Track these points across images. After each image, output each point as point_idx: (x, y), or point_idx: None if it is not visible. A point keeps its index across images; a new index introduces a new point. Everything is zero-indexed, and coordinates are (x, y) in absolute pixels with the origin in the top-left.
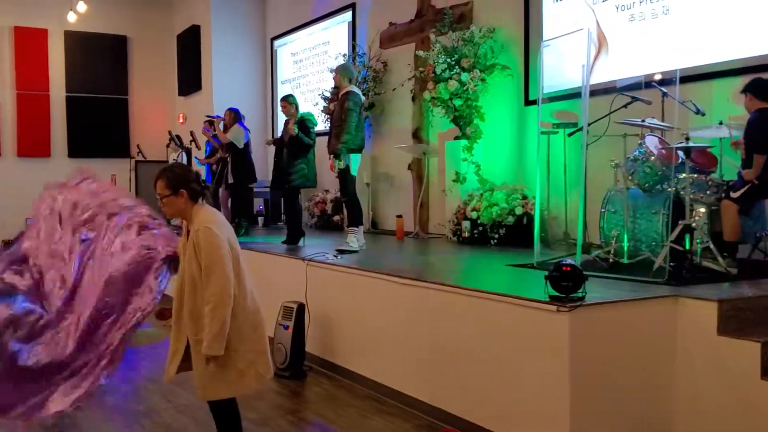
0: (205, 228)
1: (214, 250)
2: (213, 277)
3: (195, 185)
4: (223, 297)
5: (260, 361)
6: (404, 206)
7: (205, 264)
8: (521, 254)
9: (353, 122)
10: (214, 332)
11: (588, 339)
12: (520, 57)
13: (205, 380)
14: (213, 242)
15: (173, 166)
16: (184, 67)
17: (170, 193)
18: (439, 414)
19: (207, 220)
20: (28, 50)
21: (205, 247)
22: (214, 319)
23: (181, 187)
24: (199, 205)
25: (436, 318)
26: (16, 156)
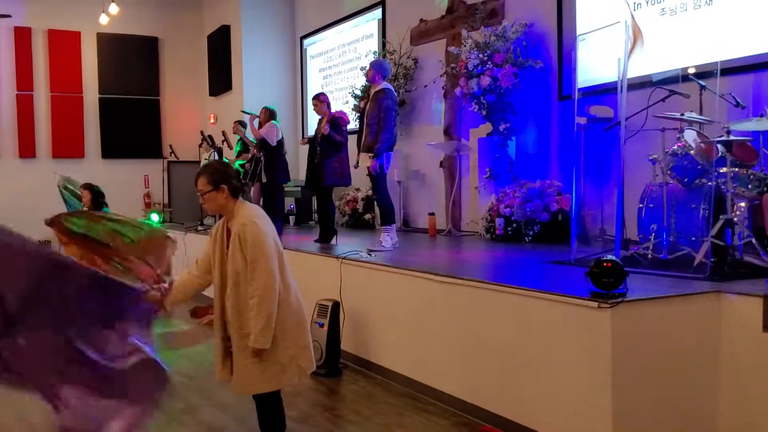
0: (252, 223)
1: (259, 245)
2: (258, 271)
3: (235, 181)
4: (268, 291)
5: (302, 356)
6: (436, 204)
7: (251, 258)
8: (557, 251)
9: (392, 120)
10: (261, 326)
11: (630, 336)
12: (553, 52)
13: (246, 375)
14: (259, 237)
15: (214, 163)
16: (215, 67)
17: (212, 189)
18: (477, 411)
19: (252, 215)
20: (61, 53)
21: (252, 242)
22: (260, 313)
23: (222, 182)
24: (241, 201)
25: (474, 315)
26: (50, 157)
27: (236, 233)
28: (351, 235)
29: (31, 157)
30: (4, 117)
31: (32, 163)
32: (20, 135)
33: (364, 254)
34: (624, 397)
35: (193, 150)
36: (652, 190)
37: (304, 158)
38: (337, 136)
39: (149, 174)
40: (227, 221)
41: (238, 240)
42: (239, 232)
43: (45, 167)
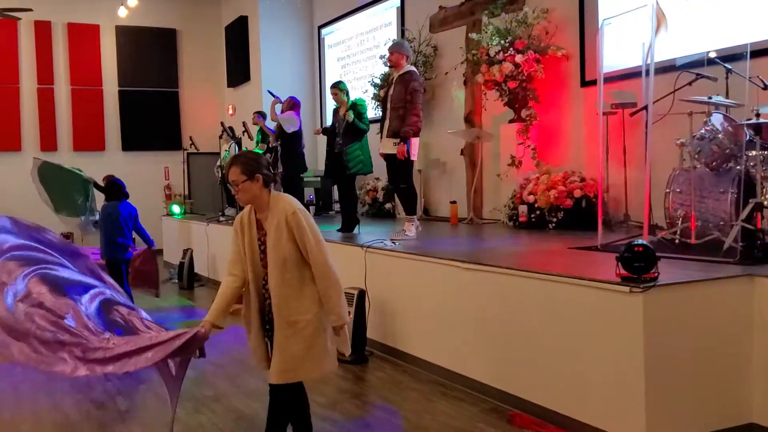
0: (301, 211)
1: (315, 230)
2: (322, 255)
3: (267, 171)
4: (332, 271)
5: (341, 341)
6: (456, 192)
7: (311, 244)
8: (581, 237)
9: (420, 103)
10: (341, 304)
11: (662, 320)
12: (575, 37)
13: (294, 362)
14: (311, 222)
15: (245, 153)
16: (233, 58)
17: (246, 179)
18: (506, 397)
19: (293, 203)
20: (81, 46)
21: (307, 228)
22: (336, 291)
23: (257, 172)
24: (275, 191)
25: (501, 302)
26: (72, 150)
27: (282, 222)
28: (372, 225)
29: (53, 151)
30: (26, 111)
31: (54, 156)
32: (42, 129)
33: (389, 243)
34: (656, 383)
35: (213, 141)
36: (679, 174)
37: (321, 148)
38: (360, 124)
39: (169, 166)
40: (256, 212)
41: (285, 228)
42: (288, 221)
43: (67, 161)
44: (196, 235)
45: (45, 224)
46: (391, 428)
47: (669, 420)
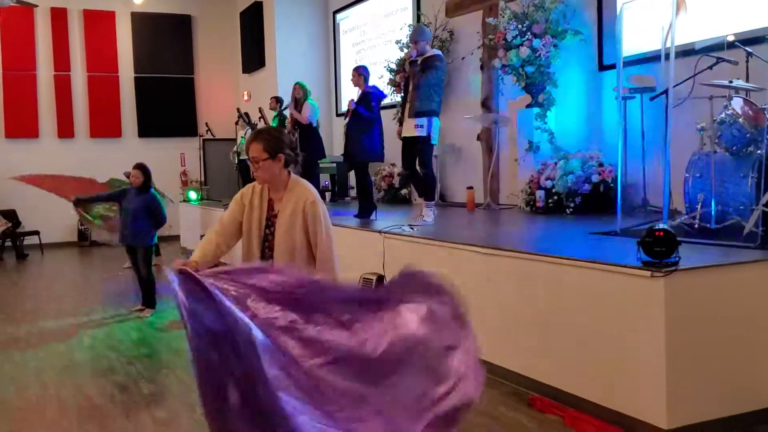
0: (320, 201)
1: (328, 222)
2: (329, 252)
3: (290, 151)
4: (335, 261)
5: None
6: (473, 178)
7: (322, 237)
8: (600, 222)
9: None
10: None
11: (683, 305)
12: (593, 21)
13: None
14: (326, 214)
15: (269, 129)
16: (248, 44)
17: (268, 157)
18: (526, 381)
19: (313, 191)
20: (97, 33)
21: (323, 219)
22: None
23: (280, 151)
24: (294, 175)
25: (521, 286)
26: (88, 137)
27: (299, 209)
28: (389, 210)
29: (69, 138)
30: (43, 98)
31: (71, 143)
32: (59, 116)
33: (407, 228)
34: (677, 367)
35: (229, 127)
36: (699, 159)
37: (338, 134)
38: (365, 112)
39: (185, 152)
40: (270, 191)
41: (300, 216)
42: (305, 209)
43: (84, 147)
44: (212, 221)
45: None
46: None
47: (690, 404)
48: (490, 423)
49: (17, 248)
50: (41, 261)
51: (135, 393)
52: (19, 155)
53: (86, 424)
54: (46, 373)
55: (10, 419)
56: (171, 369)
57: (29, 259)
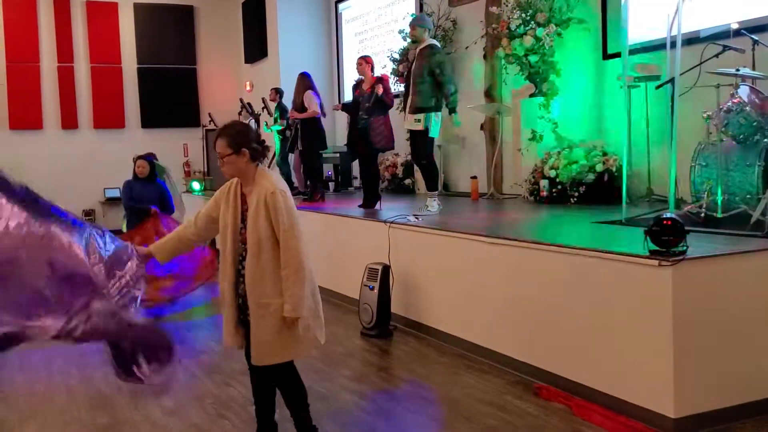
0: (281, 191)
1: (292, 213)
2: (293, 240)
3: (256, 145)
4: (303, 259)
5: (316, 326)
6: (476, 167)
7: (285, 227)
8: (604, 212)
9: (450, 74)
10: (300, 294)
11: (691, 294)
12: (597, 10)
13: (265, 345)
14: (290, 205)
15: (234, 124)
16: (250, 34)
17: (232, 153)
18: (532, 370)
19: (277, 183)
20: (99, 24)
21: (284, 210)
22: (297, 281)
23: (244, 146)
24: (261, 167)
25: (527, 276)
26: (92, 128)
27: (261, 200)
28: (393, 200)
29: (73, 129)
30: (47, 89)
31: (75, 134)
32: (62, 107)
33: (412, 218)
34: (685, 355)
35: (232, 117)
36: (705, 147)
37: (339, 124)
38: (389, 98)
39: (188, 143)
40: (242, 186)
41: (264, 207)
42: (267, 200)
43: (87, 138)
44: None
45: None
46: (419, 400)
47: (697, 392)
48: (495, 412)
49: None
50: None
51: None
52: (23, 146)
53: (96, 413)
54: (54, 363)
55: (20, 408)
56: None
57: None
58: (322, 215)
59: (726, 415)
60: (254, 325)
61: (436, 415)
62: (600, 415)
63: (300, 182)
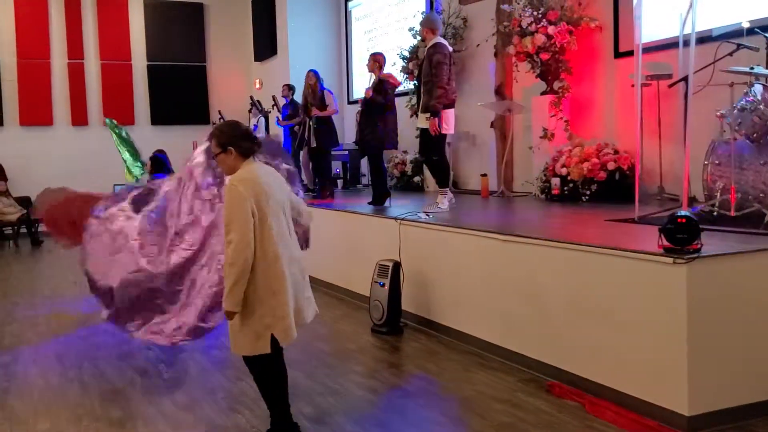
0: (230, 185)
1: (233, 209)
2: (230, 235)
3: (244, 142)
4: (236, 255)
5: (278, 327)
6: (486, 165)
7: (225, 221)
8: (616, 210)
9: (445, 75)
10: (227, 289)
11: (706, 292)
12: (608, 8)
13: (231, 335)
14: (232, 200)
15: (221, 125)
16: (260, 32)
17: (220, 152)
18: (544, 368)
19: (237, 177)
20: (110, 21)
21: (226, 204)
22: (227, 276)
23: (229, 144)
24: (248, 162)
25: (540, 273)
26: (102, 124)
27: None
28: (402, 198)
29: (83, 125)
30: (57, 86)
31: (85, 130)
32: (73, 103)
33: (422, 215)
34: (699, 353)
35: (241, 115)
36: (718, 146)
37: (350, 121)
38: (379, 99)
39: (197, 140)
40: None
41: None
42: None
43: (97, 134)
44: None
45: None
46: (431, 397)
47: (712, 390)
48: (508, 409)
49: (32, 235)
50: (56, 247)
51: (155, 377)
52: (34, 142)
53: (109, 406)
54: (67, 357)
55: (34, 400)
56: (189, 354)
57: (44, 245)
58: (332, 212)
59: (740, 413)
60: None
61: (449, 412)
62: (613, 412)
63: (309, 179)
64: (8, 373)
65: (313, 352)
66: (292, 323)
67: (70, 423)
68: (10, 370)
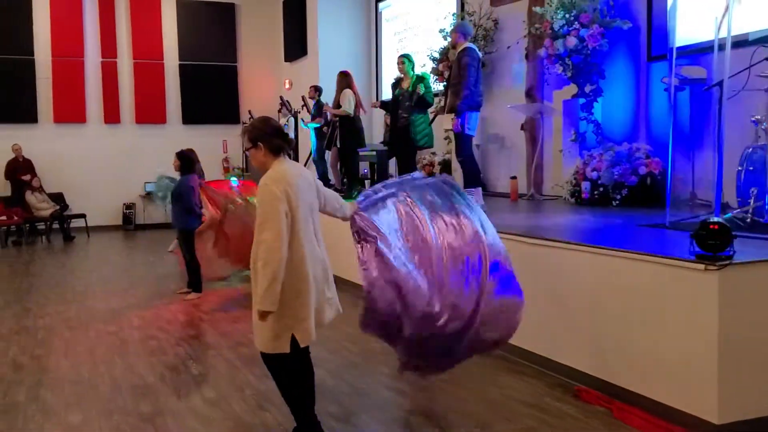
0: (264, 184)
1: (267, 207)
2: (264, 234)
3: (275, 139)
4: (272, 254)
5: (299, 328)
6: (516, 168)
7: (259, 220)
8: (646, 215)
9: (472, 77)
10: (263, 288)
11: (737, 299)
12: (642, 10)
13: (255, 331)
14: (266, 200)
15: (254, 121)
16: (290, 33)
17: (251, 146)
18: (572, 373)
19: (271, 175)
20: (143, 21)
21: (261, 203)
22: (264, 276)
23: (259, 140)
24: (280, 160)
25: (569, 278)
26: (134, 123)
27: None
28: None
29: (116, 123)
30: (91, 84)
31: (117, 128)
32: (105, 101)
33: None
34: (729, 361)
35: (271, 115)
36: (753, 152)
37: (376, 122)
38: (428, 97)
39: (227, 139)
40: None
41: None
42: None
43: (129, 133)
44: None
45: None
46: (458, 399)
47: (743, 399)
48: (535, 413)
49: (64, 230)
50: (87, 243)
51: (184, 373)
52: (67, 140)
53: (140, 401)
54: (98, 352)
55: (65, 394)
56: (218, 350)
57: (76, 241)
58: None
59: None
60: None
61: (475, 415)
62: (641, 418)
63: (336, 179)
64: (40, 366)
65: (339, 351)
66: (312, 325)
67: (102, 417)
68: (42, 363)
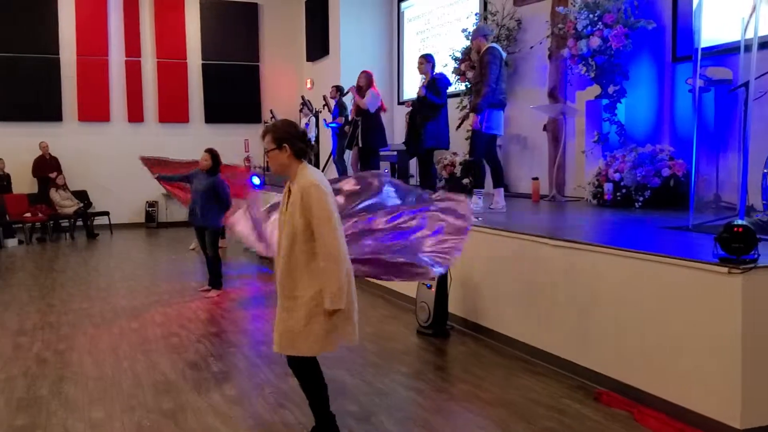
0: (315, 185)
1: (325, 207)
2: (327, 234)
3: (299, 143)
4: (339, 251)
5: (345, 327)
6: (538, 168)
7: (316, 221)
8: (669, 217)
9: (493, 74)
10: (338, 286)
11: (761, 302)
12: (667, 11)
13: (291, 335)
14: (323, 199)
15: (277, 122)
16: (312, 32)
17: (274, 147)
18: (593, 375)
19: (314, 178)
20: (166, 20)
21: (316, 204)
22: (332, 276)
23: (285, 142)
24: (304, 164)
25: (591, 280)
26: (157, 122)
27: (298, 195)
28: None
29: (139, 122)
30: (115, 83)
31: (141, 127)
32: (129, 100)
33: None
34: (754, 365)
35: (293, 114)
36: None
37: (399, 122)
38: (434, 98)
39: (249, 138)
40: (290, 183)
41: (299, 201)
42: (302, 194)
43: (153, 131)
44: None
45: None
46: (476, 400)
47: (765, 404)
48: (554, 415)
49: (88, 228)
50: (111, 241)
51: (205, 370)
52: (91, 138)
53: (161, 397)
54: (121, 348)
55: (89, 389)
56: (239, 348)
57: (99, 238)
58: None
59: None
60: (283, 315)
61: (493, 416)
62: (662, 422)
63: None
64: (64, 362)
65: (359, 351)
66: (356, 324)
67: (124, 412)
68: (66, 359)
